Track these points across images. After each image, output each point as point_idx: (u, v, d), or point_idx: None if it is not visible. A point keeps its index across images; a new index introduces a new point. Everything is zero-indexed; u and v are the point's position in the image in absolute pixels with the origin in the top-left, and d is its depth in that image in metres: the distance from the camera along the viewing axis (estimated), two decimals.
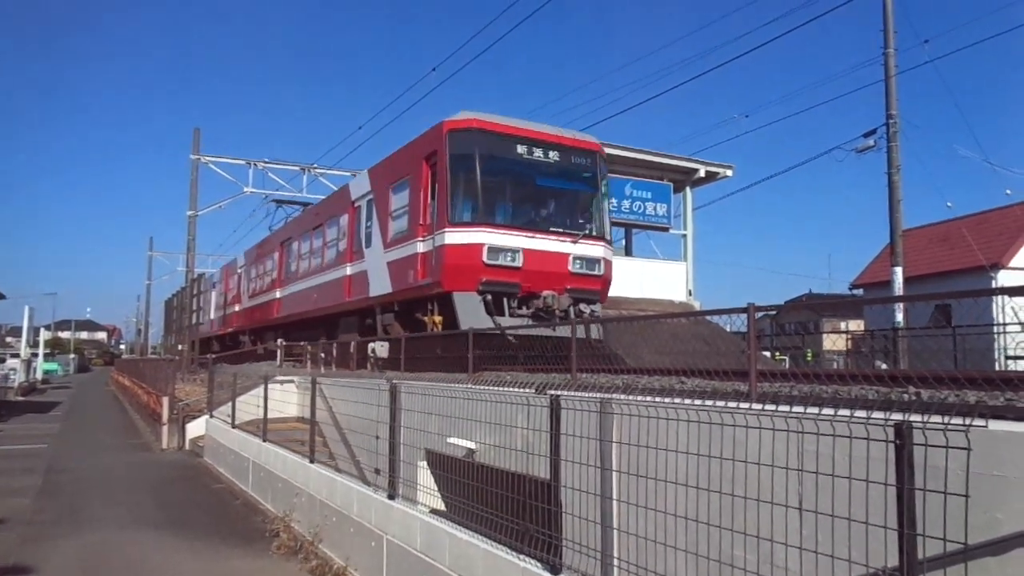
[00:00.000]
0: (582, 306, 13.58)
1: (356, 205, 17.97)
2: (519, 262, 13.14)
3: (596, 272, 13.99)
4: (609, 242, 14.88)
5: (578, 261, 13.73)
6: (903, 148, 17.79)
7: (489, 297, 12.87)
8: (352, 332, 18.03)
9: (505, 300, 13.09)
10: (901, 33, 22.61)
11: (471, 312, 12.65)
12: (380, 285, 15.84)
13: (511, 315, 13.05)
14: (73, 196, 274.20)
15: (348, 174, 32.14)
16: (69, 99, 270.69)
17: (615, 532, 5.44)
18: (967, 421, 2.97)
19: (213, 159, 33.22)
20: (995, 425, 3.87)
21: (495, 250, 12.96)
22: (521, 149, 13.67)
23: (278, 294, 24.69)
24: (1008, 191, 30.14)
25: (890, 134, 17.64)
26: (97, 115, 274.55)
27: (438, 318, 13.46)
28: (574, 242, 13.77)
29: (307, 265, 21.80)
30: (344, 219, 18.72)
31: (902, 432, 3.04)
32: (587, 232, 14.10)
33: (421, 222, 14.04)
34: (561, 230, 13.94)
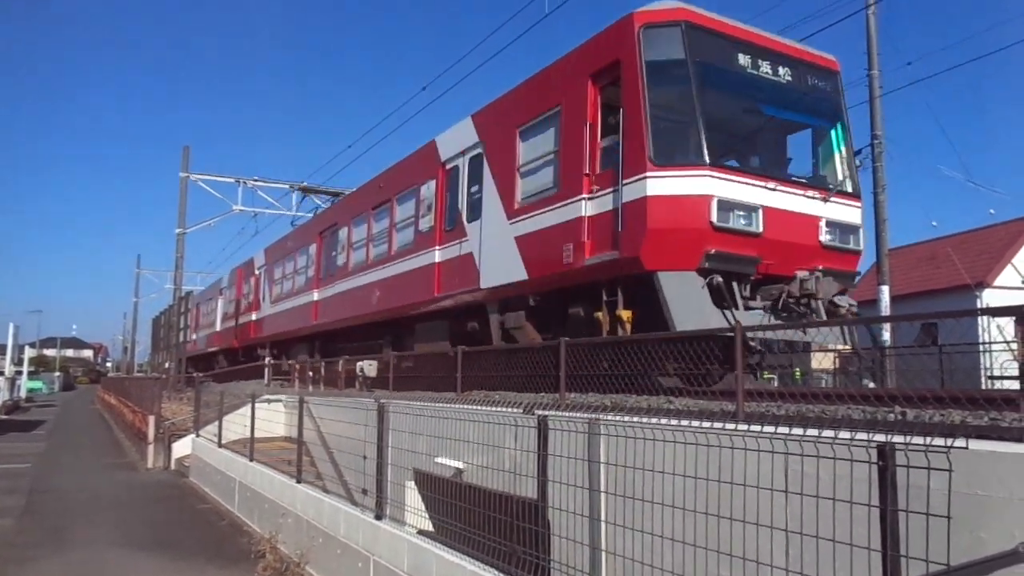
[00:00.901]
0: (836, 297, 9.44)
1: (450, 166, 13.57)
2: (758, 226, 9.06)
3: (853, 246, 10.03)
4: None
5: (830, 228, 9.71)
6: (889, 168, 17.99)
7: (719, 280, 8.78)
8: (439, 340, 13.61)
9: (736, 285, 8.98)
10: (886, 53, 22.94)
11: (689, 303, 8.63)
12: (502, 271, 11.44)
13: (745, 308, 9.03)
14: (61, 212, 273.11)
15: (338, 192, 32.21)
16: (55, 113, 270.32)
17: (603, 554, 5.44)
18: (949, 442, 3.00)
19: (202, 177, 33.24)
20: (979, 445, 3.90)
21: (728, 207, 8.84)
22: (743, 60, 9.67)
23: (316, 296, 20.08)
24: (992, 211, 30.46)
25: (875, 154, 17.83)
26: (85, 130, 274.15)
27: (625, 313, 9.22)
28: (824, 200, 9.77)
29: (363, 256, 17.07)
30: (429, 188, 14.12)
31: (884, 453, 3.07)
32: (839, 187, 10.11)
33: (586, 171, 9.82)
34: (805, 181, 9.89)
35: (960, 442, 3.08)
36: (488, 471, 7.06)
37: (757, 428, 4.48)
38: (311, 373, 18.64)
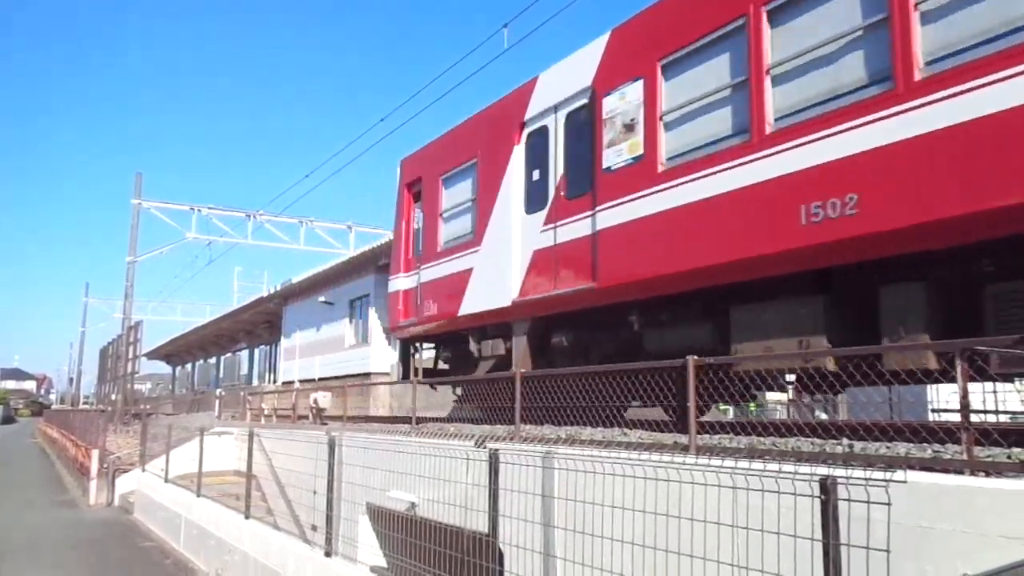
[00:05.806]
0: None
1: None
2: None
3: None
4: None
5: None
6: None
7: None
8: None
9: None
10: None
11: None
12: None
13: None
14: (3, 237, 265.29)
15: (295, 221, 31.93)
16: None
17: None
18: (888, 475, 3.04)
19: (155, 204, 32.63)
20: (921, 477, 3.96)
21: None
22: None
23: None
24: None
25: None
26: (30, 155, 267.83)
27: None
28: None
29: None
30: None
31: (827, 487, 3.09)
32: None
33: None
34: None
35: (899, 475, 3.12)
36: (441, 505, 6.95)
37: (705, 461, 4.49)
38: (263, 406, 18.29)
